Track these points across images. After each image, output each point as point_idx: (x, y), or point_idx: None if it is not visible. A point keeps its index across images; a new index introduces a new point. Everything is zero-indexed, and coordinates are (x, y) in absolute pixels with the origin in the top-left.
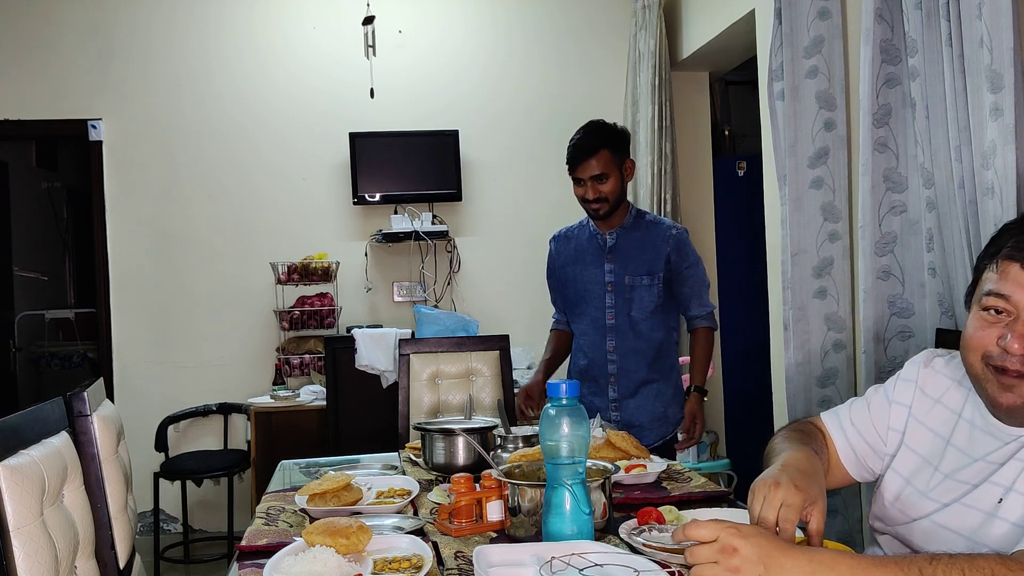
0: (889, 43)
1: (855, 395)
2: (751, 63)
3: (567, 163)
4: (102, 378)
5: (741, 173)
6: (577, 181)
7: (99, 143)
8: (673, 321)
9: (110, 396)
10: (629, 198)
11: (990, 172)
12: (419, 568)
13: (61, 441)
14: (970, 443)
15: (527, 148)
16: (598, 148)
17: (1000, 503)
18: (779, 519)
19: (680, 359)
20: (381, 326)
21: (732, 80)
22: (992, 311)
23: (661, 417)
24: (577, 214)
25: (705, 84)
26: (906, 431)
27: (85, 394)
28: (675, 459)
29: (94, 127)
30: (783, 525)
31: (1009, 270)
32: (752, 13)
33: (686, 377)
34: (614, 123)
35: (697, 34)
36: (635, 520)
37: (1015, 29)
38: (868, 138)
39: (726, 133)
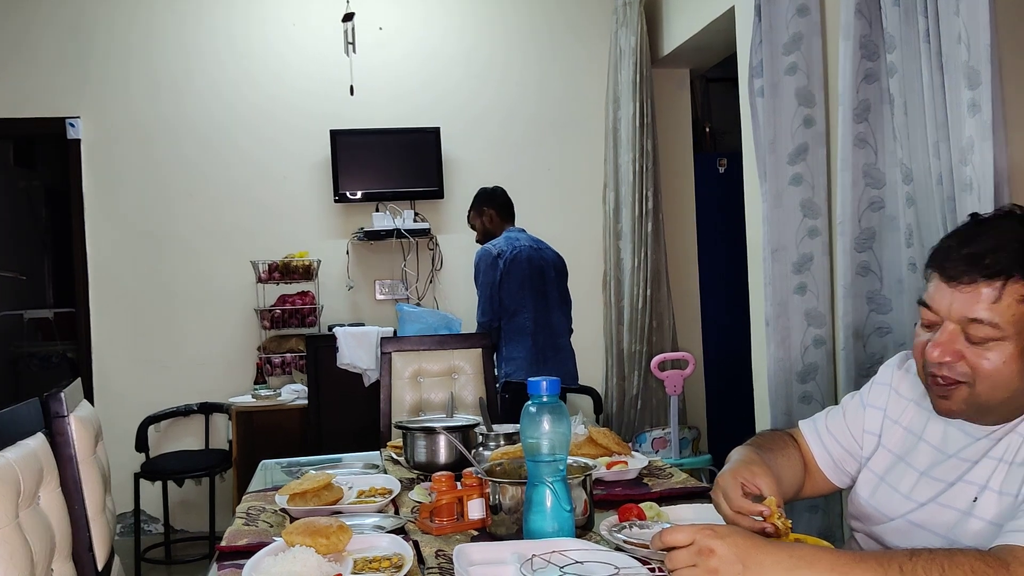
0: (868, 39)
1: (835, 390)
2: (731, 60)
3: None
4: (80, 378)
5: (722, 170)
6: None
7: (77, 141)
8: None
9: (90, 396)
10: (611, 194)
11: (968, 168)
12: (399, 567)
13: (37, 443)
14: (943, 440)
15: (509, 145)
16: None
17: (975, 502)
18: (734, 508)
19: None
20: (363, 324)
21: (713, 77)
22: (923, 319)
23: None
24: (556, 211)
25: (686, 81)
26: (882, 433)
27: (62, 395)
28: None
29: (72, 125)
30: (736, 504)
31: (932, 279)
32: (732, 10)
33: None
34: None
35: (678, 31)
36: (616, 516)
37: (992, 25)
38: (848, 134)
39: (707, 130)
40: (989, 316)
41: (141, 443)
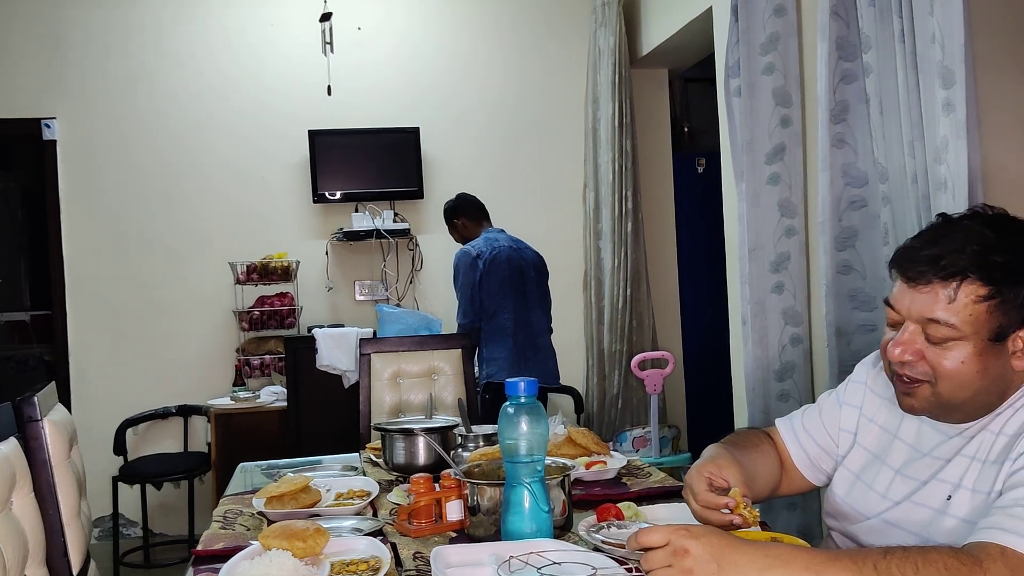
0: (845, 39)
1: (812, 388)
2: (709, 60)
3: None
4: (54, 382)
5: (701, 169)
6: None
7: (53, 142)
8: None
9: (67, 399)
10: (590, 194)
11: (943, 167)
12: (377, 570)
13: (10, 448)
14: (918, 438)
15: (488, 146)
16: None
17: (949, 500)
18: (700, 502)
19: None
20: (343, 325)
21: (691, 77)
22: (888, 318)
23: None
24: (536, 211)
25: (664, 81)
26: (858, 431)
27: (35, 399)
28: None
29: (48, 126)
30: (702, 498)
31: (896, 279)
32: (710, 11)
33: None
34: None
35: (656, 31)
36: (594, 517)
37: (966, 25)
38: (826, 134)
39: (685, 130)
40: (946, 316)
41: (119, 446)
